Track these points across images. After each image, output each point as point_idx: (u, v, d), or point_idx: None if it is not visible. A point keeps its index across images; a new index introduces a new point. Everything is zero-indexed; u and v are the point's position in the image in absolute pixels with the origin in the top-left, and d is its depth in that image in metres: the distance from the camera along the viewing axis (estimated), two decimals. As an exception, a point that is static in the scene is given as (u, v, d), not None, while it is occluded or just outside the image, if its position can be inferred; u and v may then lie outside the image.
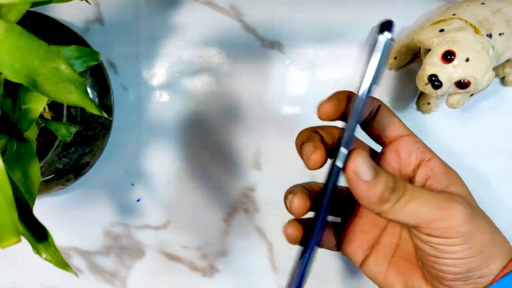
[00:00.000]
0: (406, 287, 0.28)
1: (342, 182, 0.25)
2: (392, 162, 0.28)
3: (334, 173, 0.25)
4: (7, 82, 0.23)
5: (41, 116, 0.26)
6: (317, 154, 0.25)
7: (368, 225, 0.30)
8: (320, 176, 0.27)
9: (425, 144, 0.28)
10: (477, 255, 0.24)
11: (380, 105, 0.28)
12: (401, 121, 0.28)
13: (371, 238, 0.30)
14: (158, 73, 0.40)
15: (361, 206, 0.30)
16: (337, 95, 0.26)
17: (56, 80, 0.19)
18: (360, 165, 0.23)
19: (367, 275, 0.29)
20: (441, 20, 0.34)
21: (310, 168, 0.25)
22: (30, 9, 0.22)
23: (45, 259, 0.21)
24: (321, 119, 0.26)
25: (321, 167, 0.25)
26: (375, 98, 0.27)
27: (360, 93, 0.23)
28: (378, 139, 0.29)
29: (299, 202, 0.26)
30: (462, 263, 0.24)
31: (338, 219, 0.31)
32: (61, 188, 0.39)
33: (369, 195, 0.24)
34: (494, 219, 0.26)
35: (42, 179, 0.38)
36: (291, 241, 0.28)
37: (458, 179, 0.27)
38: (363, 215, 0.30)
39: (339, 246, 0.30)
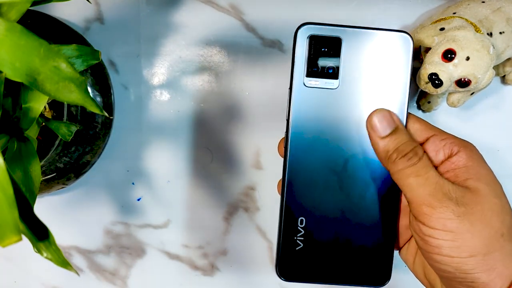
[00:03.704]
0: (426, 278, 0.29)
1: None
2: None
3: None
4: (7, 81, 0.23)
5: (41, 115, 0.26)
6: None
7: (406, 225, 0.30)
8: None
9: (456, 138, 0.28)
10: (466, 257, 0.24)
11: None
12: (424, 124, 0.29)
13: (409, 233, 0.31)
14: (158, 72, 0.40)
15: (401, 205, 0.30)
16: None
17: (56, 79, 0.19)
18: (377, 119, 0.27)
19: (402, 259, 0.31)
20: (442, 18, 0.34)
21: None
22: (31, 8, 0.22)
23: (46, 258, 0.21)
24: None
25: None
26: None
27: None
28: None
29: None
30: (449, 261, 0.24)
31: None
32: (62, 187, 0.39)
33: (379, 150, 0.27)
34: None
35: (43, 178, 0.38)
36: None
37: (478, 174, 0.26)
38: (405, 211, 0.31)
39: None
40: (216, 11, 0.39)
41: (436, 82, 0.32)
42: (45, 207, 0.42)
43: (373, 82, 0.28)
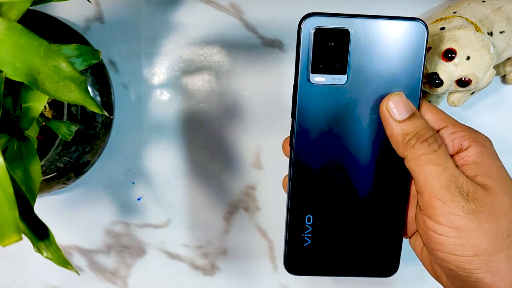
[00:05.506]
0: (432, 269, 0.28)
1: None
2: None
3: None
4: (7, 81, 0.23)
5: (41, 114, 0.26)
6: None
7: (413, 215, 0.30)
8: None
9: (468, 131, 0.26)
10: (470, 256, 0.23)
11: None
12: (436, 113, 0.27)
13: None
14: (158, 71, 0.40)
15: (410, 198, 0.30)
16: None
17: (56, 78, 0.19)
18: (393, 104, 0.25)
19: (411, 246, 0.30)
20: (442, 18, 0.34)
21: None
22: (31, 7, 0.22)
23: (46, 257, 0.21)
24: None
25: None
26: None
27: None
28: None
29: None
30: (452, 259, 0.24)
31: None
32: (62, 187, 0.39)
33: (396, 134, 0.25)
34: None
35: (43, 177, 0.38)
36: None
37: (488, 171, 0.25)
38: (412, 203, 0.30)
39: None
40: (216, 10, 0.39)
41: (437, 81, 0.32)
42: (45, 207, 0.42)
43: (383, 77, 0.27)
